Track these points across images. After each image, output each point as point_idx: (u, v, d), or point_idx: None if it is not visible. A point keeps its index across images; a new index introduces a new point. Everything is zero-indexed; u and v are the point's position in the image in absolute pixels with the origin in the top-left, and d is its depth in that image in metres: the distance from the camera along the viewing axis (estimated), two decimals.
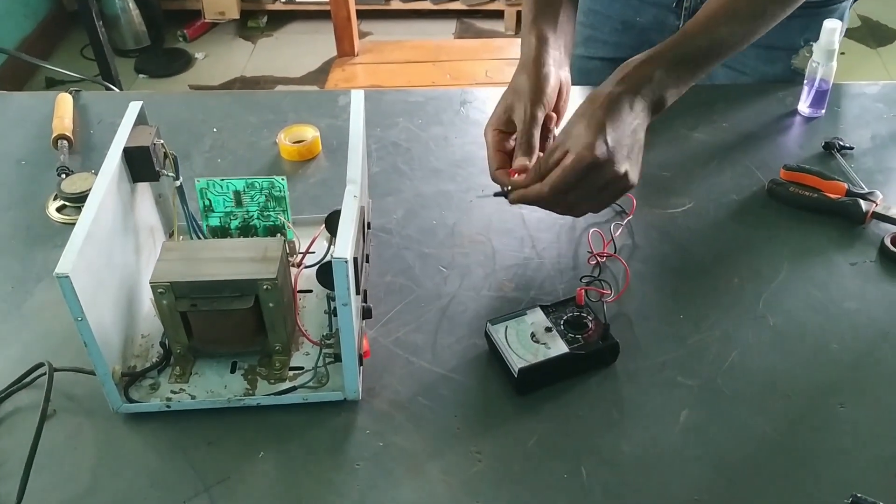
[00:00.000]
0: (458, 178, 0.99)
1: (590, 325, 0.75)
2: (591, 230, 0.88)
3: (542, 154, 0.82)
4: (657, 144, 0.99)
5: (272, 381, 0.74)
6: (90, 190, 0.91)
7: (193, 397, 0.72)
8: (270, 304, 0.71)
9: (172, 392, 0.73)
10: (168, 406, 0.71)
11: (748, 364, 0.75)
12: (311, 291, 0.82)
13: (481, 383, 0.74)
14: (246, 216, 0.84)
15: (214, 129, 1.08)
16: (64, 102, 1.10)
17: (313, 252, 0.82)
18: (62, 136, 1.02)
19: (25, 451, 0.67)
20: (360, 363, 0.72)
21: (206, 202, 0.83)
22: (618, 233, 0.88)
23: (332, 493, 0.66)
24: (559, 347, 0.73)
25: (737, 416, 0.71)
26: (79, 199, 0.92)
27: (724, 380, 0.74)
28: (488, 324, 0.76)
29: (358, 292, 0.68)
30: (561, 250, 0.88)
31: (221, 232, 0.84)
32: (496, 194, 0.84)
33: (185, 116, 1.11)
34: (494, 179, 0.85)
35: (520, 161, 0.82)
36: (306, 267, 0.83)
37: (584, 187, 0.76)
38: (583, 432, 0.70)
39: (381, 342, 0.78)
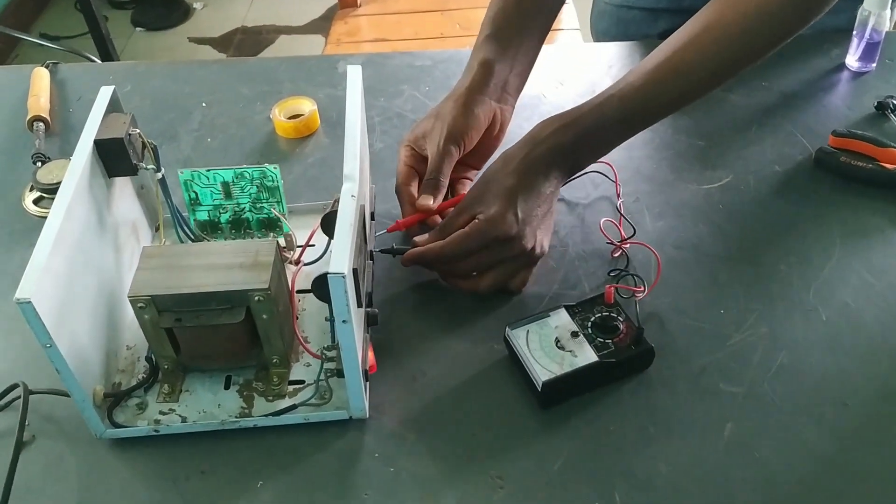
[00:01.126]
0: None
1: (621, 328, 0.67)
2: (603, 220, 0.79)
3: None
4: (688, 110, 0.90)
5: (270, 397, 0.67)
6: None
7: (184, 419, 0.66)
8: (264, 316, 0.64)
9: (161, 413, 0.66)
10: (156, 431, 0.65)
11: (799, 366, 0.67)
12: (311, 291, 0.74)
13: (501, 395, 0.67)
14: (237, 209, 0.76)
15: (203, 104, 0.99)
16: (39, 78, 1.01)
17: (313, 245, 0.74)
18: (38, 118, 0.94)
19: (0, 482, 0.60)
20: (366, 379, 0.65)
21: (192, 195, 0.75)
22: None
23: None
24: (587, 356, 0.65)
25: (787, 428, 0.63)
26: (56, 191, 0.84)
27: (771, 385, 0.66)
28: (507, 329, 0.68)
29: (360, 304, 0.61)
30: (586, 235, 0.80)
31: (211, 227, 0.77)
32: (384, 251, 0.75)
33: (172, 90, 1.02)
34: (398, 194, 0.78)
35: (423, 200, 0.75)
36: (306, 264, 0.75)
37: (486, 256, 0.71)
38: (615, 451, 0.63)
39: (389, 349, 0.70)
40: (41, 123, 0.94)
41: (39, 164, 0.88)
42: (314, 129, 0.95)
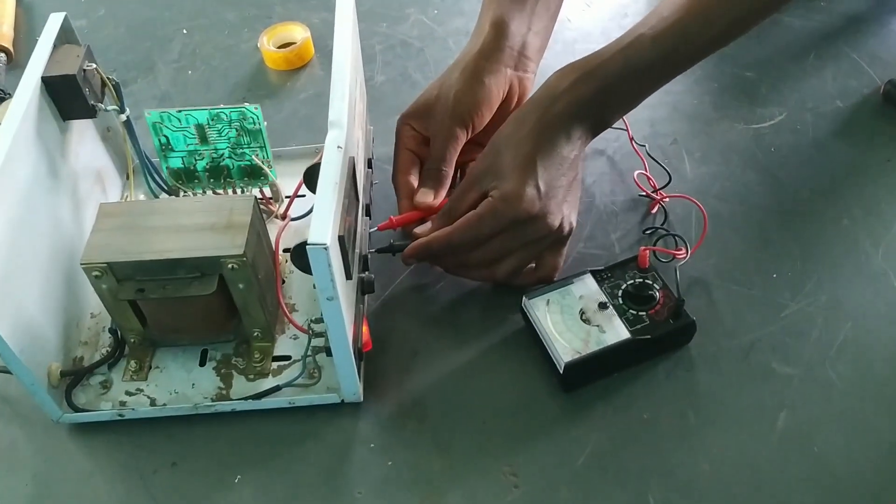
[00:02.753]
0: None
1: (657, 297, 0.57)
2: (637, 172, 0.68)
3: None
4: None
5: (251, 376, 0.58)
6: None
7: (153, 401, 0.57)
8: (240, 286, 0.55)
9: (127, 393, 0.58)
10: (121, 415, 0.57)
11: (866, 342, 0.58)
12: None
13: (516, 375, 0.58)
14: (214, 155, 0.66)
15: (184, 31, 0.88)
16: (3, 2, 0.90)
17: (303, 196, 0.65)
18: None
19: None
20: (360, 358, 0.56)
21: (163, 139, 0.65)
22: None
23: None
24: (617, 332, 0.56)
25: (853, 417, 0.54)
26: None
27: (834, 366, 0.57)
28: (524, 298, 0.58)
29: (349, 276, 0.51)
30: (615, 183, 0.69)
31: (186, 175, 0.67)
32: (380, 250, 0.62)
33: (149, 15, 0.91)
34: (394, 185, 0.65)
35: (422, 195, 0.63)
36: (293, 219, 0.66)
37: (505, 240, 0.58)
38: (649, 443, 0.54)
39: (387, 319, 0.61)
40: (2, 55, 0.84)
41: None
42: (307, 59, 0.84)
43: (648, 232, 0.64)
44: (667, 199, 0.66)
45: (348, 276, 0.51)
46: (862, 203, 0.66)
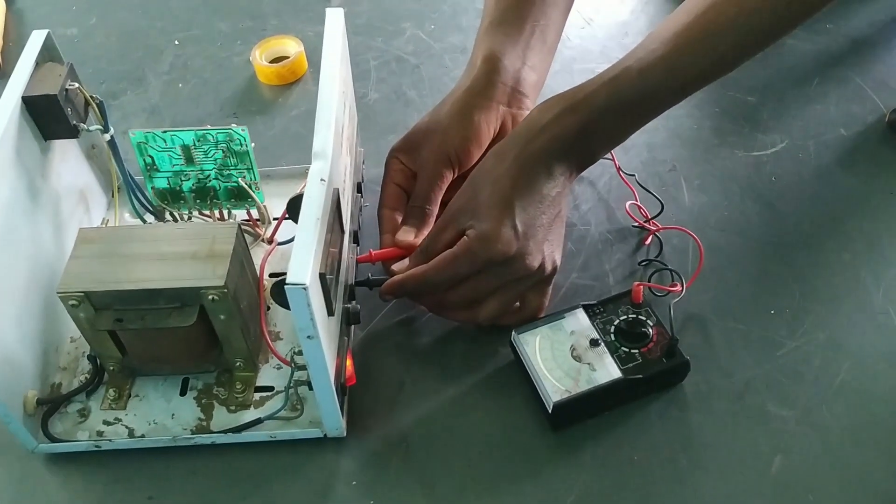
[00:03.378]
0: None
1: (650, 334, 0.56)
2: (629, 203, 0.66)
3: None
4: None
5: (232, 407, 0.57)
6: None
7: (131, 432, 0.56)
8: (221, 317, 0.53)
9: (105, 423, 0.56)
10: (97, 446, 0.55)
11: (865, 384, 0.56)
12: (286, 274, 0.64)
13: (504, 411, 0.56)
14: (201, 176, 0.64)
15: (176, 42, 0.87)
16: None
17: (290, 217, 0.63)
18: None
19: None
20: (344, 393, 0.55)
21: (148, 159, 0.64)
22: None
23: None
24: (608, 370, 0.54)
25: (850, 464, 0.52)
26: None
27: (831, 409, 0.55)
28: (514, 333, 0.57)
29: (331, 313, 0.50)
30: (611, 212, 0.68)
31: (172, 196, 0.66)
32: (358, 283, 0.60)
33: (141, 24, 0.89)
34: (378, 218, 0.63)
35: (403, 233, 0.61)
36: (280, 243, 0.64)
37: (484, 281, 0.56)
38: (638, 488, 0.52)
39: (373, 350, 0.60)
40: None
41: None
42: (300, 74, 0.82)
43: (643, 264, 0.63)
44: (660, 231, 0.64)
45: (330, 313, 0.49)
46: (864, 237, 0.64)
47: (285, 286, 0.44)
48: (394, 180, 0.63)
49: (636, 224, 0.65)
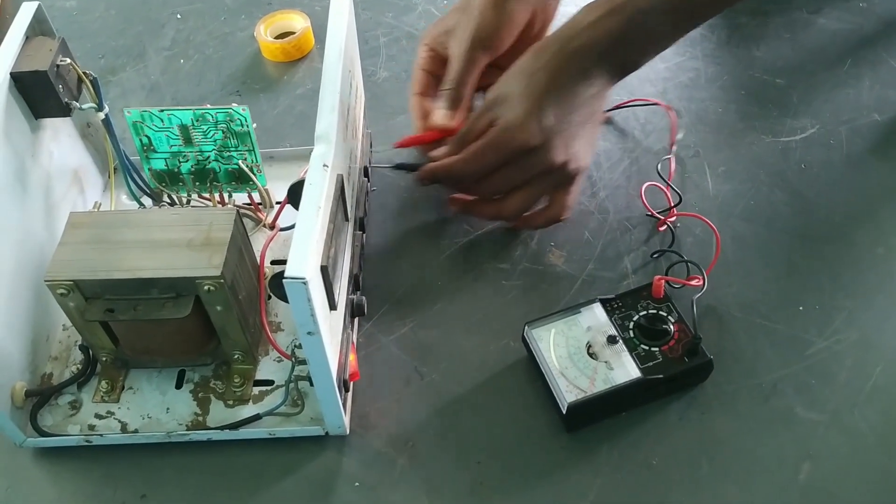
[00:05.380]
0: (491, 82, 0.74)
1: (671, 331, 0.53)
2: (646, 184, 0.63)
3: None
4: (763, 37, 0.72)
5: (230, 401, 0.54)
6: None
7: (124, 426, 0.53)
8: (218, 308, 0.50)
9: (97, 416, 0.54)
10: (88, 441, 0.53)
11: None
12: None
13: (516, 410, 0.53)
14: (200, 157, 0.61)
15: (178, 16, 0.83)
16: None
17: (291, 204, 0.60)
18: None
19: None
20: (346, 389, 0.52)
21: (144, 139, 0.60)
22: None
23: None
24: (627, 370, 0.51)
25: (883, 471, 0.49)
26: None
27: (863, 413, 0.52)
28: (527, 328, 0.54)
29: (334, 307, 0.47)
30: (632, 198, 0.64)
31: (170, 178, 0.63)
32: (397, 166, 0.62)
33: None
34: (410, 105, 0.64)
35: (438, 115, 0.60)
36: (283, 229, 0.61)
37: (511, 173, 0.57)
38: (656, 493, 0.49)
39: (380, 341, 0.57)
40: None
41: None
42: (307, 51, 0.79)
43: (655, 256, 0.59)
44: (675, 218, 0.61)
45: (332, 307, 0.46)
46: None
47: (284, 280, 0.41)
48: (423, 67, 0.64)
49: (649, 213, 0.62)
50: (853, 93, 0.70)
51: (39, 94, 0.55)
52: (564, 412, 0.50)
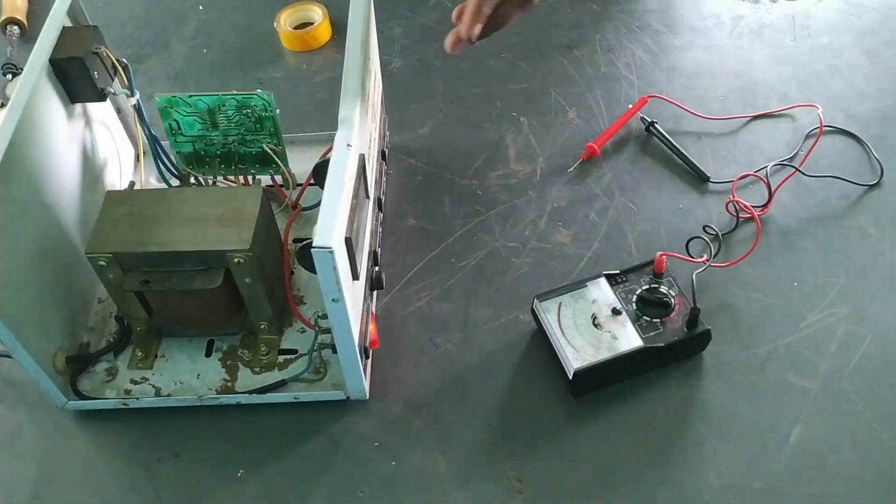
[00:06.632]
0: (506, 75, 0.77)
1: (672, 304, 0.56)
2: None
3: None
4: None
5: (257, 368, 0.58)
6: None
7: (158, 391, 0.57)
8: (247, 280, 0.54)
9: (133, 382, 0.58)
10: (125, 404, 0.56)
11: (887, 357, 0.56)
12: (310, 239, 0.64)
13: (525, 377, 0.57)
14: (225, 141, 0.65)
15: (200, 7, 0.87)
16: None
17: (315, 183, 0.64)
18: (11, 21, 0.83)
19: None
20: (366, 356, 0.55)
21: (173, 124, 0.64)
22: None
23: None
24: (630, 339, 0.54)
25: (870, 436, 0.53)
26: None
27: (852, 380, 0.55)
28: (536, 301, 0.57)
29: (356, 276, 0.50)
30: (636, 179, 0.67)
31: (197, 161, 0.66)
32: None
33: None
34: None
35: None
36: (304, 209, 0.65)
37: None
38: (657, 454, 0.53)
39: (397, 314, 0.60)
40: (15, 27, 0.83)
41: (10, 76, 0.77)
42: (324, 41, 0.82)
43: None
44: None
45: (355, 277, 0.50)
46: (890, 210, 0.64)
47: (312, 249, 0.44)
48: None
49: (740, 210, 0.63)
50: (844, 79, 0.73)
51: (76, 80, 0.58)
52: (571, 378, 0.53)
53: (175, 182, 0.66)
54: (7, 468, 0.55)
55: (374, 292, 0.60)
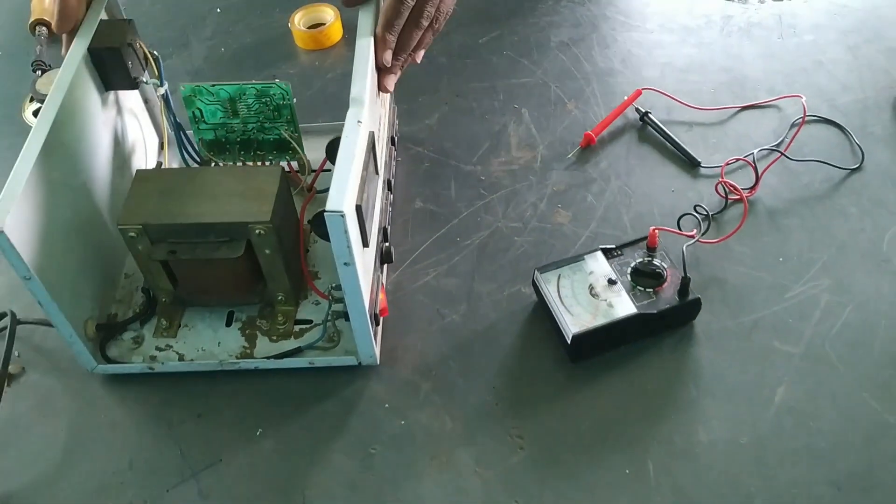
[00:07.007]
0: (509, 70, 0.81)
1: (664, 275, 0.60)
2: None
3: None
4: None
5: (274, 337, 0.62)
6: None
7: (181, 357, 0.61)
8: (266, 251, 0.58)
9: (157, 349, 0.61)
10: (151, 368, 0.60)
11: (866, 325, 0.60)
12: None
13: (526, 345, 0.60)
14: (245, 128, 0.69)
15: (218, 10, 0.92)
16: None
17: (329, 170, 0.67)
18: (40, 22, 0.87)
19: None
20: (377, 323, 0.59)
21: (196, 112, 0.68)
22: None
23: (341, 485, 0.54)
24: (625, 306, 0.58)
25: (850, 395, 0.56)
26: None
27: (833, 346, 0.59)
28: (537, 273, 0.61)
29: (366, 244, 0.54)
30: (631, 165, 0.71)
31: (218, 147, 0.70)
32: None
33: None
34: None
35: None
36: (319, 192, 0.69)
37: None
38: (650, 413, 0.56)
39: (406, 288, 0.64)
40: (44, 28, 0.87)
41: (39, 72, 0.81)
42: (336, 40, 0.86)
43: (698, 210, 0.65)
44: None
45: (365, 244, 0.54)
46: (870, 191, 0.68)
47: (325, 213, 0.48)
48: None
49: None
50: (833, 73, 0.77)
51: (111, 69, 0.62)
52: (569, 342, 0.57)
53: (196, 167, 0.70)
54: (39, 428, 0.58)
55: (385, 266, 0.64)
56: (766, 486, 0.52)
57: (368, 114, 0.55)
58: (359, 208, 0.51)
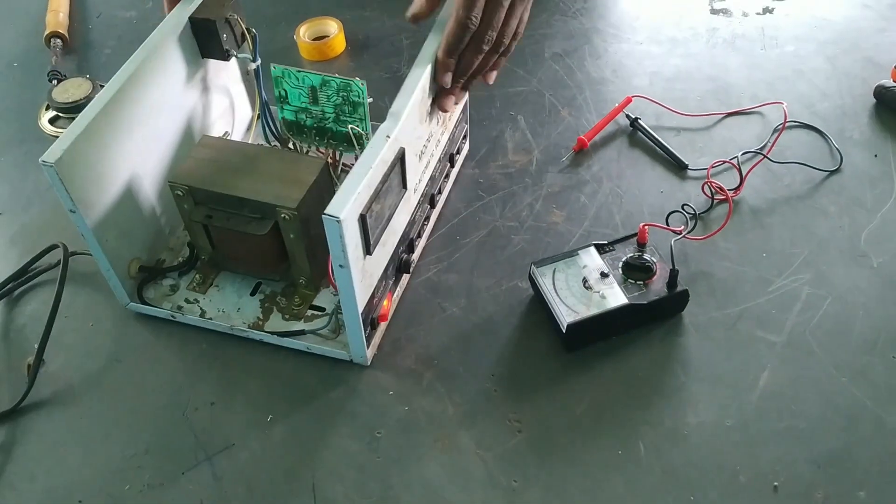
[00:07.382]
0: (505, 80, 0.85)
1: (654, 269, 0.63)
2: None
3: None
4: None
5: (287, 316, 0.65)
6: (85, 99, 0.82)
7: (203, 313, 0.65)
8: (291, 235, 0.61)
9: (186, 301, 0.66)
10: (173, 316, 0.65)
11: (844, 316, 0.63)
12: None
13: (523, 336, 0.64)
14: (321, 116, 0.70)
15: None
16: None
17: None
18: (55, 35, 0.91)
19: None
20: (373, 327, 0.61)
21: (282, 92, 0.70)
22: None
23: (349, 467, 0.57)
24: (616, 297, 0.61)
25: (829, 381, 0.59)
26: (72, 110, 0.82)
27: (814, 335, 0.62)
28: (533, 267, 0.64)
29: (370, 252, 0.56)
30: (622, 168, 0.75)
31: (296, 128, 0.71)
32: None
33: None
34: None
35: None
36: None
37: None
38: (641, 397, 0.59)
39: (409, 284, 0.67)
40: (58, 40, 0.91)
41: (55, 81, 0.85)
42: (339, 51, 0.90)
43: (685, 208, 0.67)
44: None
45: (368, 252, 0.56)
46: (848, 192, 0.72)
47: (323, 215, 0.50)
48: None
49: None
50: (814, 84, 0.81)
51: (207, 38, 0.66)
52: (564, 331, 0.60)
53: (275, 144, 0.72)
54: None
55: (402, 275, 0.66)
56: (751, 465, 0.55)
57: (406, 130, 0.57)
58: (363, 217, 0.53)
